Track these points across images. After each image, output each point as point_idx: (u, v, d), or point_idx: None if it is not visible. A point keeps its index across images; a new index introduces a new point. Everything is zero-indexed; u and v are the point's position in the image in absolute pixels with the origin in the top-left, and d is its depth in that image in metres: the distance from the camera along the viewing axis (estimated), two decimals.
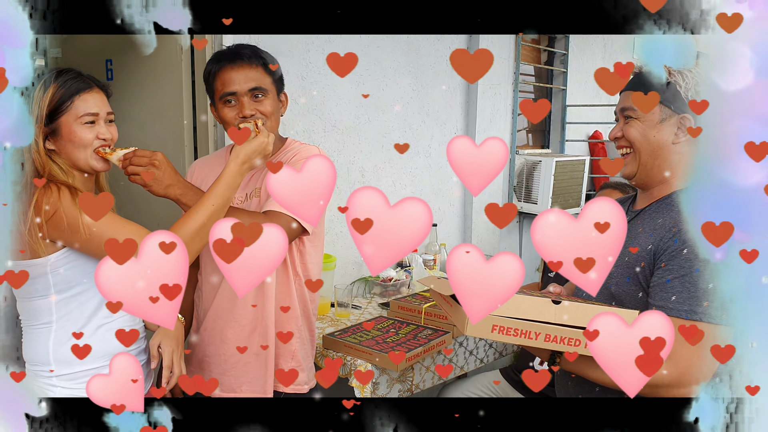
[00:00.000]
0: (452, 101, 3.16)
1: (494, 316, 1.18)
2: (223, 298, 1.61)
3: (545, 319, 1.19)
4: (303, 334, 1.67)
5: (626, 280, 1.33)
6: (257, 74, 1.49)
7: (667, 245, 1.27)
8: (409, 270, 2.80)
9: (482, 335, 1.19)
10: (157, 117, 2.35)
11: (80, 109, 1.30)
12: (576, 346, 1.18)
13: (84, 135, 1.30)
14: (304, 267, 1.62)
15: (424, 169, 3.07)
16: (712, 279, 1.17)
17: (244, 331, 1.59)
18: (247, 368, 1.60)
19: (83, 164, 1.32)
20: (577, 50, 3.99)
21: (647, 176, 1.37)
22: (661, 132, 1.33)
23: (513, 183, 3.60)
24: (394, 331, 2.15)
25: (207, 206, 1.30)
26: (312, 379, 1.69)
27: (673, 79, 1.30)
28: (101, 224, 1.21)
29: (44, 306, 1.28)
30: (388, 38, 2.78)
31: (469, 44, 3.19)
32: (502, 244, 3.62)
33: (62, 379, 1.29)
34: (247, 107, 1.48)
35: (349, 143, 2.68)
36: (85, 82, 1.33)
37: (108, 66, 2.50)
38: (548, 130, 4.07)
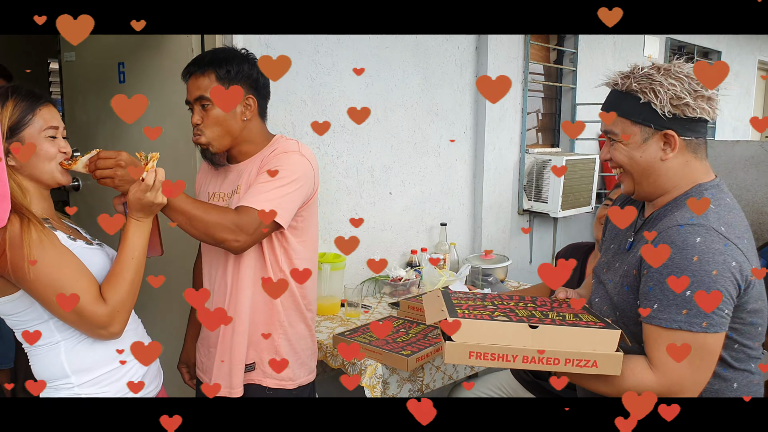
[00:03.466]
0: (461, 101, 3.16)
1: (471, 344, 1.21)
2: (206, 285, 1.69)
3: (521, 343, 1.21)
4: (290, 329, 1.65)
5: (625, 290, 1.32)
6: (205, 82, 1.55)
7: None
8: (418, 270, 2.81)
9: (460, 362, 1.23)
10: (168, 117, 2.37)
11: (43, 121, 1.28)
12: (556, 365, 1.20)
13: (48, 148, 1.29)
14: (290, 263, 1.62)
15: (434, 169, 3.07)
16: (690, 286, 1.16)
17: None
18: (220, 360, 1.61)
19: (48, 178, 1.31)
20: (586, 49, 3.98)
21: (646, 192, 1.36)
22: (646, 152, 1.30)
23: (523, 182, 3.59)
24: (404, 331, 2.15)
25: (127, 261, 1.29)
26: (303, 376, 1.68)
27: (646, 98, 1.27)
28: (45, 269, 1.20)
29: (46, 329, 1.28)
30: (396, 39, 2.79)
31: (478, 44, 3.19)
32: (513, 243, 3.62)
33: (85, 387, 1.30)
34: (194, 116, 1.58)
35: (359, 143, 2.69)
36: (41, 96, 1.31)
37: (120, 69, 2.52)
38: (558, 129, 4.06)
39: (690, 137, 1.28)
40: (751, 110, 6.41)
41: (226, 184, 1.65)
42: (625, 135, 1.31)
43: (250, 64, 1.59)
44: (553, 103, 4.02)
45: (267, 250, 1.58)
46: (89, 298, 1.22)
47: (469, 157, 3.27)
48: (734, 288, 1.18)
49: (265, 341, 1.62)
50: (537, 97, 3.88)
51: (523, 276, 3.69)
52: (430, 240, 3.10)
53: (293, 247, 1.61)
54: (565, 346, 1.20)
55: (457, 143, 3.18)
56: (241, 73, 1.56)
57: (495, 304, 1.37)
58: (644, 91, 1.27)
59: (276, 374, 1.64)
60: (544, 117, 3.99)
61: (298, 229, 1.61)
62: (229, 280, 1.59)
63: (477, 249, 3.33)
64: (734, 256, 1.18)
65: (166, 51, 2.33)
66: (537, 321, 1.24)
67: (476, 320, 1.23)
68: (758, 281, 1.22)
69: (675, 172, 1.31)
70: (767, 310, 1.28)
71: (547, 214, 3.61)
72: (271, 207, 1.45)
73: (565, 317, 1.29)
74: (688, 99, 1.24)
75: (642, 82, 1.27)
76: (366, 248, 2.79)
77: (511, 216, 3.56)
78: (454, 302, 1.36)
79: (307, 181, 1.56)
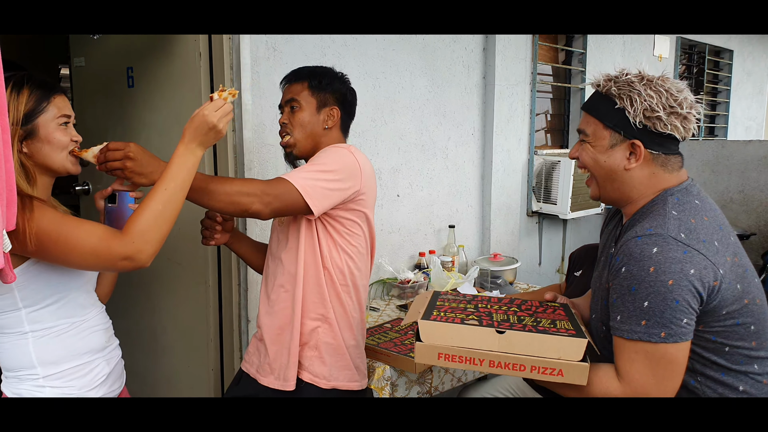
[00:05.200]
0: (469, 102, 3.16)
1: (439, 345, 1.24)
2: (264, 288, 1.74)
3: (488, 347, 1.22)
4: (335, 328, 1.66)
5: (603, 303, 1.32)
6: (298, 88, 1.67)
7: (612, 263, 1.26)
8: (427, 272, 2.80)
9: (429, 362, 1.26)
10: (177, 122, 2.38)
11: (57, 109, 1.29)
12: (522, 371, 1.21)
13: (61, 137, 1.30)
14: (341, 263, 1.65)
15: (442, 171, 3.07)
16: (647, 297, 1.16)
17: (276, 319, 1.68)
18: (276, 357, 1.67)
19: (58, 166, 1.31)
20: (595, 49, 3.95)
21: (611, 197, 1.36)
22: (611, 158, 1.30)
23: (532, 183, 3.57)
24: (413, 333, 2.15)
25: (160, 192, 1.24)
26: (339, 381, 1.67)
27: (621, 104, 1.26)
28: (45, 228, 1.17)
29: (16, 319, 1.27)
30: (403, 41, 2.79)
31: (486, 45, 3.18)
32: (522, 245, 3.60)
33: (50, 379, 1.30)
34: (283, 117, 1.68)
35: (365, 146, 2.69)
36: (54, 85, 1.31)
37: (129, 73, 2.54)
38: (567, 130, 4.04)
39: (657, 151, 1.28)
40: (764, 109, 6.35)
41: None
42: (595, 137, 1.31)
43: (341, 82, 1.71)
44: (561, 104, 4.00)
45: (318, 246, 1.62)
46: (98, 237, 1.19)
47: (477, 159, 3.26)
48: (693, 296, 1.16)
49: (309, 335, 1.65)
50: (545, 98, 3.86)
51: (533, 278, 3.67)
52: (439, 242, 3.09)
53: (343, 249, 1.65)
54: (530, 352, 1.21)
55: (465, 145, 3.18)
56: (331, 87, 1.68)
57: (477, 308, 1.38)
58: (621, 96, 1.26)
59: (311, 369, 1.65)
60: (553, 118, 3.97)
61: (346, 230, 1.64)
62: (287, 276, 1.65)
63: (486, 251, 3.32)
64: (694, 263, 1.16)
65: (174, 55, 2.34)
66: (508, 326, 1.25)
67: (444, 323, 1.25)
68: (732, 282, 1.20)
69: (639, 182, 1.30)
70: (767, 306, 1.26)
71: (557, 215, 3.59)
72: (304, 184, 1.47)
73: (539, 323, 1.29)
74: (661, 113, 1.24)
75: (622, 88, 1.27)
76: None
77: (520, 218, 3.54)
78: (437, 304, 1.39)
79: (351, 176, 1.56)
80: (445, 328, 1.24)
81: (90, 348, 1.35)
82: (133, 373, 2.69)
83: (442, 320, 1.27)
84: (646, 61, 4.46)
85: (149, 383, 2.67)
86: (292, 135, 1.65)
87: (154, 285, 2.56)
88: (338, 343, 1.66)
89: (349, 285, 1.67)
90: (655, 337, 1.16)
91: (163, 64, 2.39)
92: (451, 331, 1.23)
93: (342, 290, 1.66)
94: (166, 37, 2.34)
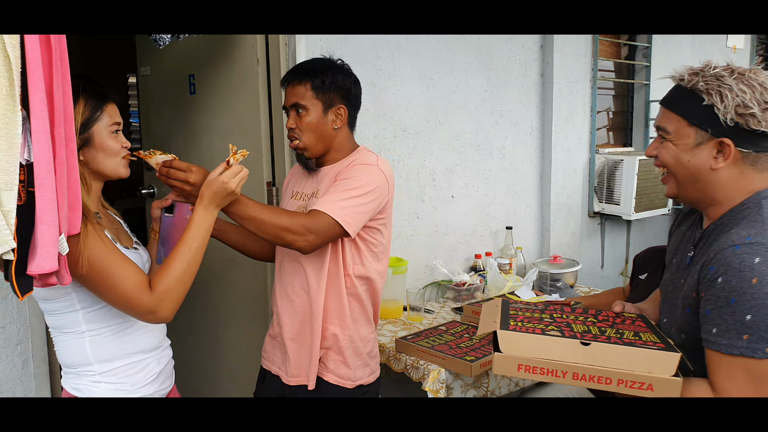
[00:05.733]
0: (527, 101, 3.09)
1: (520, 357, 1.19)
2: (281, 283, 1.75)
3: (572, 359, 1.17)
4: (355, 333, 1.71)
5: (687, 311, 1.24)
6: (301, 90, 1.64)
7: (705, 273, 1.17)
8: (483, 274, 2.76)
9: (509, 373, 1.20)
10: (237, 127, 2.44)
11: (109, 118, 1.35)
12: (608, 384, 1.15)
13: (114, 144, 1.35)
14: (363, 270, 1.69)
15: (498, 171, 3.02)
16: (750, 310, 1.08)
17: (296, 319, 1.70)
18: (297, 353, 1.70)
19: (111, 172, 1.37)
20: (661, 42, 3.79)
21: (691, 198, 1.27)
22: (696, 157, 1.21)
23: (593, 183, 3.47)
24: (468, 336, 2.12)
25: (184, 252, 1.32)
26: (364, 377, 1.73)
27: (710, 100, 1.17)
28: (95, 258, 1.24)
29: (73, 319, 1.33)
30: (458, 41, 2.76)
31: (543, 43, 3.11)
32: (583, 247, 3.49)
33: (105, 376, 1.36)
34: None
35: (420, 147, 2.68)
36: (106, 93, 1.36)
37: (191, 80, 2.63)
38: (630, 128, 3.90)
39: (748, 150, 1.18)
40: None
41: (309, 186, 1.75)
42: (678, 135, 1.23)
43: (344, 75, 1.68)
44: (624, 101, 3.87)
45: (342, 256, 1.66)
46: (134, 285, 1.27)
47: (535, 159, 3.19)
48: None
49: (331, 340, 1.68)
50: (607, 95, 3.74)
51: (594, 281, 3.55)
52: (496, 244, 3.04)
53: (365, 256, 1.69)
54: (618, 366, 1.15)
55: (523, 144, 3.11)
56: (335, 84, 1.65)
57: (553, 317, 1.33)
58: (710, 92, 1.17)
59: (337, 372, 1.69)
60: (615, 115, 3.84)
61: (370, 238, 1.69)
62: (309, 282, 1.67)
63: (545, 253, 3.24)
64: None
65: (233, 62, 2.40)
66: (591, 337, 1.19)
67: (526, 334, 1.21)
68: None
69: (726, 183, 1.21)
70: None
71: (620, 216, 3.47)
72: (342, 215, 1.54)
73: (623, 335, 1.23)
74: (756, 110, 1.14)
75: (710, 83, 1.18)
76: (428, 252, 2.77)
77: (581, 219, 3.44)
78: (511, 313, 1.34)
79: (381, 194, 1.63)
80: (526, 338, 1.20)
81: (142, 347, 1.40)
82: (197, 370, 2.79)
83: (521, 330, 1.22)
84: (719, 53, 4.22)
85: (211, 380, 2.75)
86: (301, 139, 1.65)
87: (215, 285, 2.63)
88: (358, 344, 1.71)
89: (368, 284, 1.71)
90: (759, 352, 1.09)
91: (222, 70, 2.46)
92: (534, 342, 1.19)
93: (362, 291, 1.70)
94: (225, 45, 2.41)
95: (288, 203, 1.79)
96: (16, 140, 0.97)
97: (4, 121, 0.96)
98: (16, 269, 1.01)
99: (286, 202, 1.80)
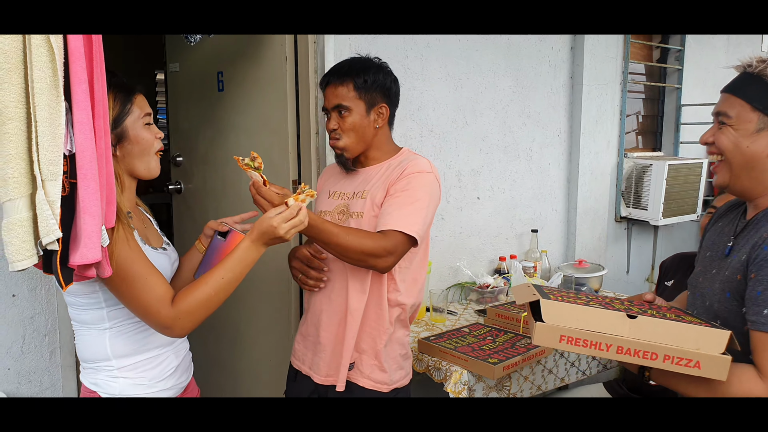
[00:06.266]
0: (555, 103, 3.06)
1: (563, 327, 1.14)
2: (321, 292, 1.72)
3: (617, 332, 1.12)
4: (393, 336, 1.70)
5: (727, 296, 1.21)
6: (343, 91, 1.63)
7: (757, 253, 1.16)
8: (507, 277, 2.74)
9: (549, 344, 1.15)
10: (264, 125, 2.45)
11: (140, 110, 1.32)
12: (653, 360, 1.11)
13: (147, 136, 1.33)
14: (405, 271, 1.68)
15: (525, 173, 2.99)
16: None
17: (334, 321, 1.69)
18: (331, 353, 1.69)
19: (143, 169, 1.35)
20: (695, 45, 3.72)
21: (743, 187, 1.25)
22: (756, 143, 1.20)
23: (621, 187, 3.41)
24: (491, 339, 2.11)
25: (216, 279, 1.29)
26: (399, 380, 1.72)
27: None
28: (122, 263, 1.22)
29: (99, 315, 1.33)
30: (487, 41, 2.74)
31: (574, 44, 3.07)
32: (609, 252, 3.44)
33: (123, 371, 1.36)
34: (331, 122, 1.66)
35: (446, 148, 2.67)
36: (132, 86, 1.34)
37: (219, 78, 2.65)
38: (660, 132, 3.83)
39: None
40: None
41: (348, 185, 1.73)
42: (739, 120, 1.22)
43: (384, 73, 1.68)
44: (655, 105, 3.80)
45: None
46: (155, 297, 1.26)
47: (563, 161, 3.15)
48: None
49: (367, 344, 1.67)
50: (637, 98, 3.68)
51: (620, 287, 3.50)
52: (521, 247, 3.01)
53: (408, 257, 1.68)
54: (665, 341, 1.10)
55: (550, 147, 3.08)
56: (377, 83, 1.65)
57: (589, 298, 1.30)
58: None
59: (373, 377, 1.68)
60: (645, 119, 3.78)
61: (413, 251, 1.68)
62: (349, 283, 1.66)
63: (570, 257, 3.20)
64: None
65: (261, 60, 2.42)
66: (635, 313, 1.14)
67: (570, 304, 1.16)
68: None
69: None
70: None
71: (647, 221, 3.41)
72: (415, 229, 1.56)
73: (666, 315, 1.19)
74: None
75: None
76: (452, 254, 2.75)
77: (608, 223, 3.39)
78: (546, 291, 1.31)
79: (438, 201, 1.68)
80: (570, 309, 1.15)
81: (160, 342, 1.40)
82: (219, 365, 2.81)
83: (564, 301, 1.18)
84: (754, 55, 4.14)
85: (234, 375, 2.77)
86: (342, 139, 1.65)
87: None
88: (393, 348, 1.70)
89: (408, 287, 1.70)
90: None
91: (251, 68, 2.47)
92: (578, 312, 1.14)
93: (402, 297, 1.68)
94: (254, 43, 2.43)
95: (325, 202, 1.78)
96: (60, 131, 0.98)
97: (48, 111, 0.96)
98: (60, 260, 1.02)
99: (323, 201, 1.79)
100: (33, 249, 0.99)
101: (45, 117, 0.96)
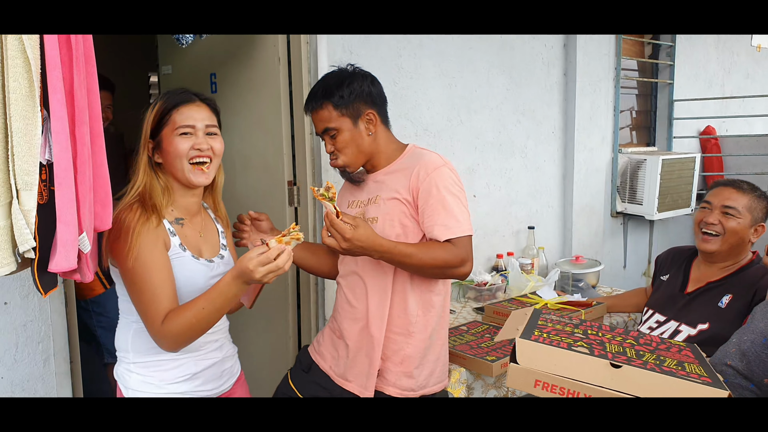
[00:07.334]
0: (549, 100, 3.06)
1: (539, 372, 1.06)
2: (341, 296, 1.72)
3: (599, 382, 1.04)
4: (419, 342, 1.65)
5: (762, 342, 1.13)
6: (325, 114, 1.61)
7: None
8: (505, 274, 2.73)
9: (524, 389, 1.08)
10: (258, 126, 2.45)
11: (177, 121, 1.36)
12: None
13: (179, 145, 1.36)
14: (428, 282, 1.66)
15: (520, 170, 2.99)
16: None
17: (356, 326, 1.66)
18: (355, 362, 1.66)
19: (181, 176, 1.39)
20: (685, 41, 3.74)
21: None
22: None
23: (616, 183, 3.42)
24: (489, 337, 2.10)
25: (197, 308, 1.29)
26: (430, 386, 1.68)
27: None
28: (141, 266, 1.29)
29: (130, 308, 1.38)
30: (480, 39, 2.74)
31: (566, 41, 3.08)
32: (606, 247, 3.45)
33: (137, 366, 1.40)
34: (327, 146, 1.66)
35: (441, 146, 2.66)
36: (186, 96, 1.39)
37: (212, 79, 2.64)
38: (654, 127, 3.85)
39: None
40: None
41: (364, 193, 1.71)
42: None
43: (359, 80, 1.62)
44: (648, 100, 3.81)
45: None
46: (156, 310, 1.30)
47: (557, 158, 3.15)
48: None
49: (394, 349, 1.64)
50: (630, 94, 3.69)
51: (617, 281, 3.51)
52: (517, 244, 3.02)
53: None
54: (652, 395, 1.01)
55: (545, 143, 3.08)
56: (354, 93, 1.60)
57: (586, 334, 1.21)
58: None
59: (400, 385, 1.65)
60: (638, 115, 3.79)
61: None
62: (368, 290, 1.64)
63: (567, 253, 3.20)
64: None
65: (254, 61, 2.41)
66: (624, 360, 1.06)
67: (549, 346, 1.08)
68: None
69: None
70: None
71: (643, 216, 3.42)
72: (468, 226, 1.59)
73: (663, 362, 1.09)
74: None
75: None
76: None
77: (604, 218, 3.40)
78: (539, 323, 1.24)
79: (462, 187, 1.66)
80: (548, 351, 1.07)
81: None
82: None
83: (545, 342, 1.09)
84: (744, 52, 4.17)
85: None
86: (340, 158, 1.63)
87: None
88: (423, 353, 1.65)
89: (437, 287, 1.66)
90: None
91: (244, 70, 2.46)
92: (555, 356, 1.06)
93: (432, 296, 1.65)
94: (247, 44, 2.42)
95: (346, 212, 1.72)
96: (36, 141, 0.98)
97: (23, 122, 0.96)
98: (39, 267, 1.02)
99: (344, 210, 1.75)
100: (11, 257, 1.00)
101: (20, 128, 0.96)
